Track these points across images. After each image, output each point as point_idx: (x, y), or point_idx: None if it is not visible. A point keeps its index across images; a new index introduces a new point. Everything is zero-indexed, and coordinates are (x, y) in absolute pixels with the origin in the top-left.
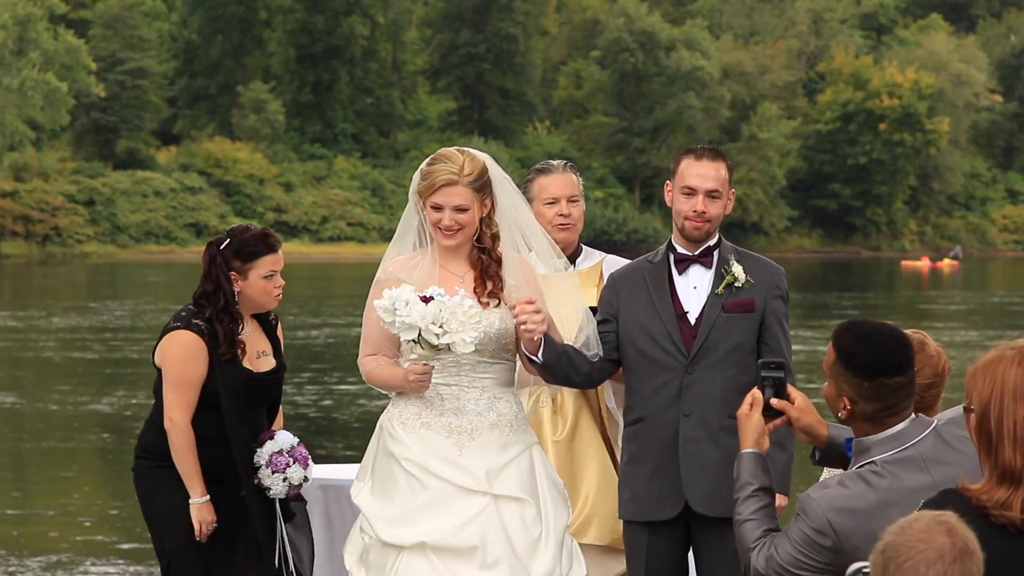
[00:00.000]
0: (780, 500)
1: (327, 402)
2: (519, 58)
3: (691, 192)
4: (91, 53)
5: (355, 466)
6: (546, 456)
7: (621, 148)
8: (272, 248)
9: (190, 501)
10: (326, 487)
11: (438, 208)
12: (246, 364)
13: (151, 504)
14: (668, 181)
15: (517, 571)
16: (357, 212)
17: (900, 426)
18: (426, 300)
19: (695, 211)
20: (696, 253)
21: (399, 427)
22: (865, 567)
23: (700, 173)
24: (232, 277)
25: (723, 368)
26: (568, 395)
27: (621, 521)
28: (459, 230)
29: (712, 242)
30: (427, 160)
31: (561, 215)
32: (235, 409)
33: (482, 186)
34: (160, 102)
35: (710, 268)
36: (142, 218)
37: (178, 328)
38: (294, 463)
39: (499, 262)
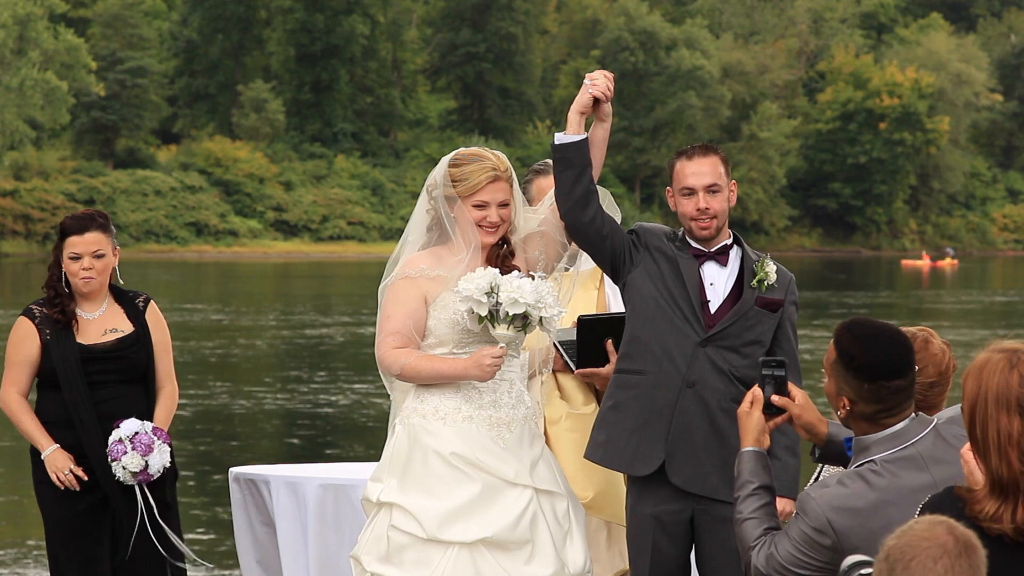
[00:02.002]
0: (789, 505)
1: (345, 402)
2: (519, 57)
3: (690, 192)
4: (91, 52)
5: (359, 465)
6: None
7: (621, 147)
8: (79, 230)
9: (41, 456)
10: (327, 487)
11: (483, 206)
12: (81, 340)
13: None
14: (668, 187)
15: (558, 566)
16: (357, 211)
17: (900, 425)
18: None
19: (698, 209)
20: (712, 250)
21: (438, 422)
22: (862, 560)
23: (695, 171)
24: (56, 255)
25: (735, 357)
26: (576, 382)
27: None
28: (501, 225)
29: (728, 240)
30: (449, 164)
31: None
32: (74, 380)
33: (512, 181)
34: (160, 101)
35: (725, 266)
36: (142, 217)
37: (20, 315)
38: (131, 450)
39: (513, 253)
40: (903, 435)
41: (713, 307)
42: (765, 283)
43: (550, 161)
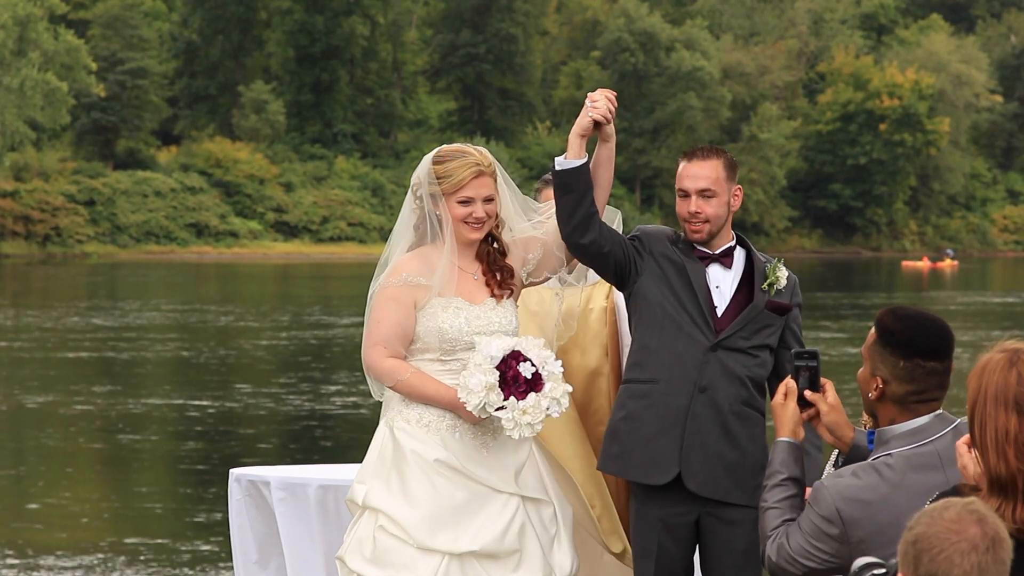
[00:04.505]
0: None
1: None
2: (519, 58)
3: (685, 194)
4: (91, 53)
5: (359, 466)
6: (543, 453)
7: (621, 148)
8: None
9: None
10: (326, 487)
11: (468, 202)
12: None
13: None
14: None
15: (546, 571)
16: (357, 212)
17: (923, 420)
18: (516, 360)
19: (689, 212)
20: (716, 253)
21: (422, 429)
22: (873, 562)
23: (691, 174)
24: None
25: (745, 358)
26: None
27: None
28: (486, 221)
29: (731, 242)
30: (432, 161)
31: None
32: None
33: (496, 176)
34: (160, 102)
35: (730, 268)
36: (142, 218)
37: None
38: None
39: (504, 253)
40: (923, 432)
41: (720, 311)
42: (776, 287)
43: None
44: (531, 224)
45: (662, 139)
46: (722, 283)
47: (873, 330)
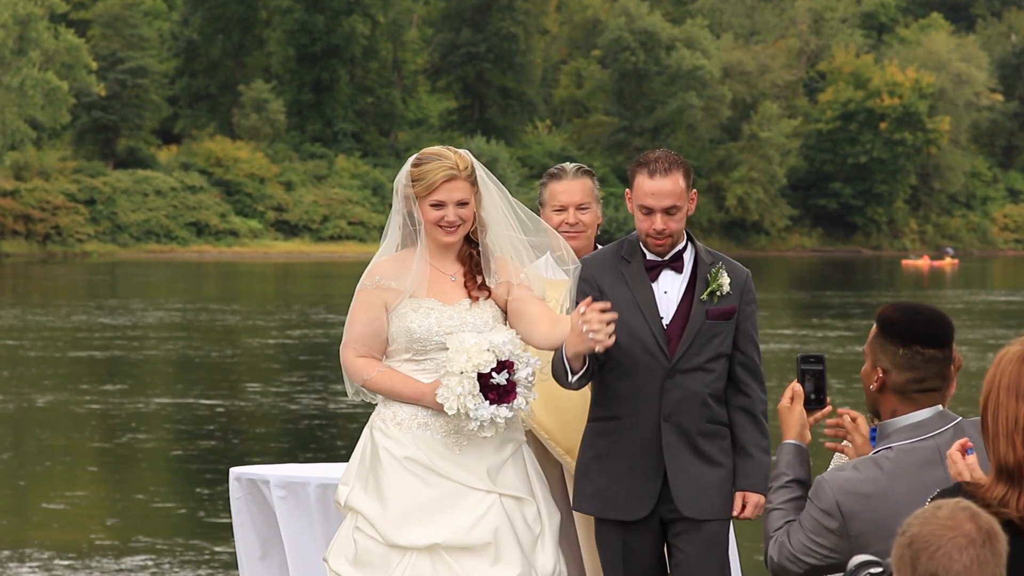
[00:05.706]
0: (762, 500)
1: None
2: (520, 57)
3: (648, 211)
4: (92, 52)
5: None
6: (533, 455)
7: (622, 147)
8: None
9: None
10: (325, 485)
11: (439, 205)
12: None
13: None
14: (628, 190)
15: (526, 568)
16: (358, 211)
17: (924, 414)
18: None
19: (655, 230)
20: (666, 258)
21: (395, 428)
22: (869, 560)
23: (654, 191)
24: None
25: (702, 375)
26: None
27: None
28: (460, 225)
29: (681, 246)
30: (411, 163)
31: (567, 223)
32: None
33: (475, 180)
34: (161, 101)
35: (680, 272)
36: (143, 217)
37: None
38: None
39: (485, 257)
40: (924, 426)
41: (667, 320)
42: (717, 295)
43: (565, 165)
44: (514, 238)
45: (663, 138)
46: (670, 288)
47: (874, 325)
